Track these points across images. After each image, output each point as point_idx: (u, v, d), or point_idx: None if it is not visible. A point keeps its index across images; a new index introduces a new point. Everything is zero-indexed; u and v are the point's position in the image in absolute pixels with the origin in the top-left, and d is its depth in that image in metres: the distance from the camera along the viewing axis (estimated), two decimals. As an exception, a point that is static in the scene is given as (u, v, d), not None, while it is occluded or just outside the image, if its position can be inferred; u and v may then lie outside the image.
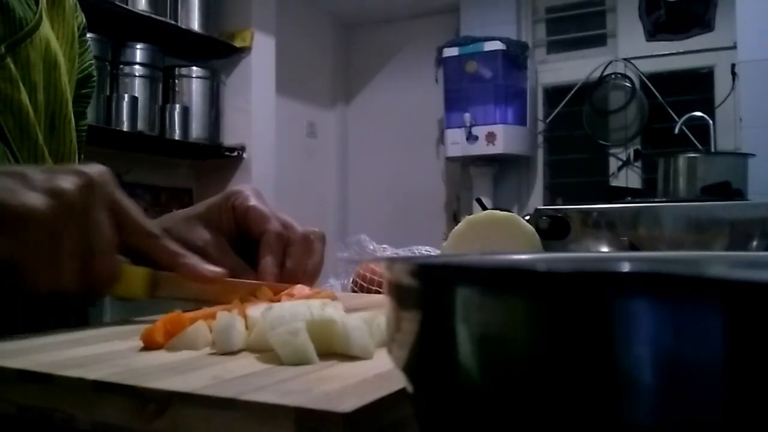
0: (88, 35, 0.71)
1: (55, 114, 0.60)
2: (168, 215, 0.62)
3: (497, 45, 3.38)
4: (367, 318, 0.37)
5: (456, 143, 3.45)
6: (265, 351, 0.35)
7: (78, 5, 0.68)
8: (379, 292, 0.96)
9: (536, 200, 3.65)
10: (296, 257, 0.57)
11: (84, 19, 0.70)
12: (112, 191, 0.47)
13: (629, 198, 2.15)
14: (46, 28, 0.59)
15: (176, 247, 0.51)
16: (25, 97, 0.55)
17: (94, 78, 0.73)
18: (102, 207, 0.46)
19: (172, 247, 0.50)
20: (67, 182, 0.44)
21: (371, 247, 1.18)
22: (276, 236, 0.56)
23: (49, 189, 0.44)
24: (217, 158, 3.10)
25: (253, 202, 0.58)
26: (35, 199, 0.43)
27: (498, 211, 0.77)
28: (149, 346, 0.38)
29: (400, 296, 0.21)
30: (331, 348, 0.35)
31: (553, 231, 1.13)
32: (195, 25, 2.98)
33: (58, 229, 0.43)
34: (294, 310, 0.37)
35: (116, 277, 0.48)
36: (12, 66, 0.54)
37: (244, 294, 0.51)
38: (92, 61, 0.72)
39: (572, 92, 3.54)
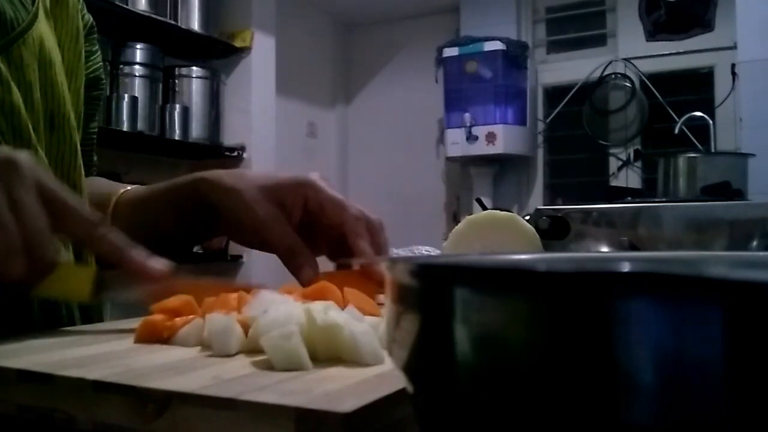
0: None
1: (54, 113, 0.59)
2: (249, 175, 0.62)
3: (497, 45, 3.38)
4: (374, 323, 0.37)
5: (456, 143, 3.45)
6: (263, 353, 0.35)
7: (84, 4, 0.68)
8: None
9: (536, 200, 3.65)
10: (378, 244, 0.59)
11: (91, 19, 0.69)
12: (39, 176, 0.43)
13: (629, 198, 2.15)
14: (41, 27, 0.58)
15: (119, 238, 0.46)
16: (17, 97, 0.54)
17: (103, 81, 0.72)
18: (29, 188, 0.42)
19: (114, 237, 0.46)
20: None
21: (371, 247, 1.17)
22: (356, 220, 0.58)
23: None
24: (217, 158, 3.09)
25: (328, 194, 0.60)
26: None
27: (498, 211, 0.77)
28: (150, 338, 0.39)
29: (400, 296, 0.21)
30: (339, 355, 0.34)
31: (553, 231, 1.13)
32: (195, 25, 2.98)
33: None
34: (289, 313, 0.36)
35: (52, 265, 0.43)
36: (3, 67, 0.53)
37: (202, 295, 0.45)
38: (101, 64, 0.71)
39: (572, 92, 3.54)
